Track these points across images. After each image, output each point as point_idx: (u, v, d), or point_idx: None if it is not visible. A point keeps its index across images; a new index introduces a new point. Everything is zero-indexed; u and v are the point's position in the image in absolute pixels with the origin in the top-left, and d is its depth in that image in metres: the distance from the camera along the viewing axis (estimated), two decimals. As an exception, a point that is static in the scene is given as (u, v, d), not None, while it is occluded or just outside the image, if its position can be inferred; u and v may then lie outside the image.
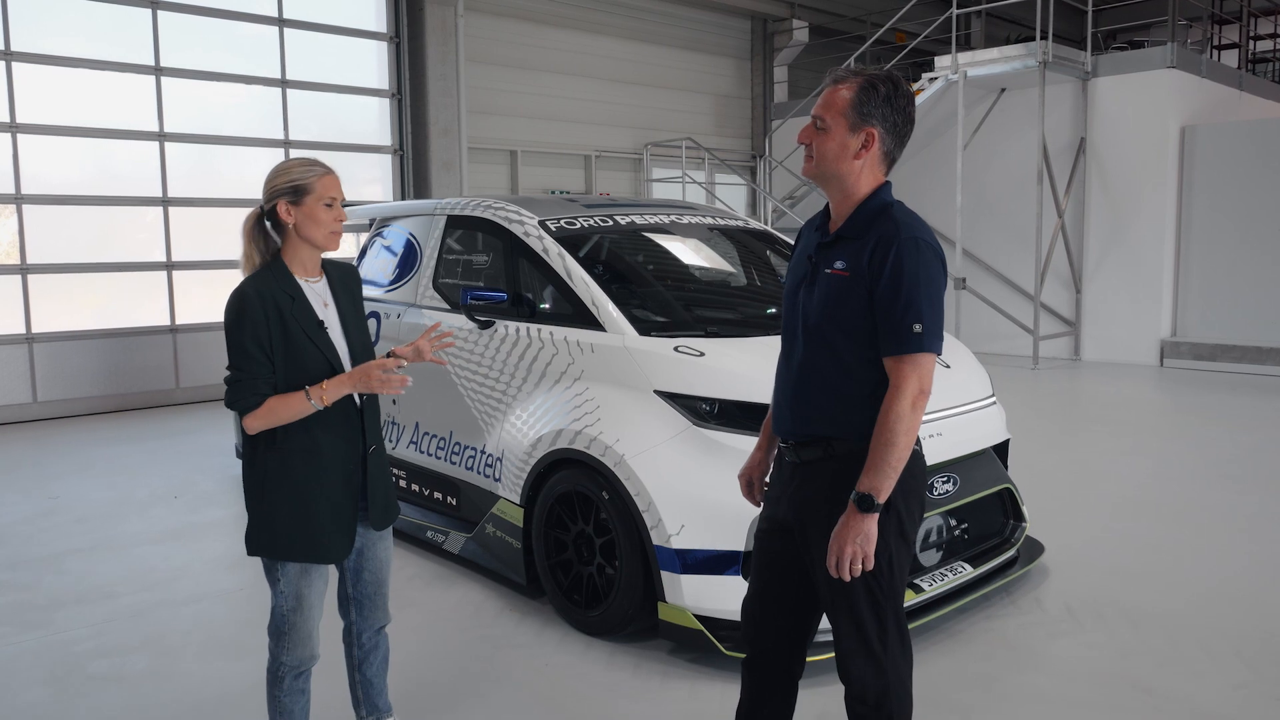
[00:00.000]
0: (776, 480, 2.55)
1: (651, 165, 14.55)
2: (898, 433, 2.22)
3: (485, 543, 4.53)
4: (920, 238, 2.26)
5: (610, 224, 4.86)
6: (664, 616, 3.70)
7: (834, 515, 2.33)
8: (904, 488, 2.32)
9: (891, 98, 2.32)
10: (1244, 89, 13.25)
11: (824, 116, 2.35)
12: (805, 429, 2.40)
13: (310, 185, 2.63)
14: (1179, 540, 5.16)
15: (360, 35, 11.19)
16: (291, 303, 2.62)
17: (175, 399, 9.91)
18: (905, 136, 2.37)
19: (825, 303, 2.34)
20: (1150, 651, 3.84)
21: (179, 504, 6.11)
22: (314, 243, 2.67)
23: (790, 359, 2.46)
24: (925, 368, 2.24)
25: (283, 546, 2.64)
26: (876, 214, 2.33)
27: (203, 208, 10.15)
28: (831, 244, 2.39)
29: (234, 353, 2.56)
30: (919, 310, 2.22)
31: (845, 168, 2.34)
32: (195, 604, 4.43)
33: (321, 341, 2.65)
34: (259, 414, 2.55)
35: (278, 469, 2.63)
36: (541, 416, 4.21)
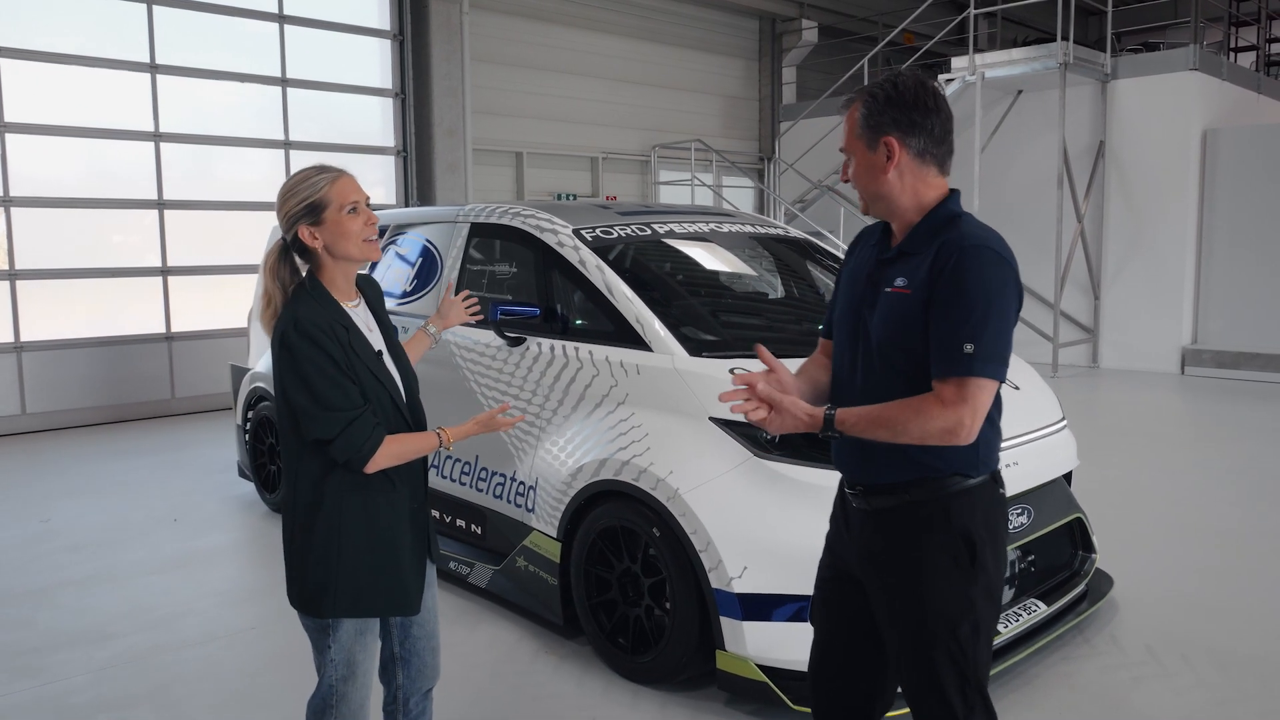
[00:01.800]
0: (841, 526, 2.28)
1: (659, 167, 14.22)
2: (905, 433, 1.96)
3: (516, 577, 4.20)
4: (986, 245, 1.98)
5: (648, 233, 4.53)
6: (723, 666, 3.38)
7: (913, 571, 2.06)
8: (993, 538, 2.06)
9: (894, 98, 2.08)
10: (1262, 91, 13.01)
11: (846, 147, 2.18)
12: (876, 475, 2.12)
13: (325, 196, 2.28)
14: (1250, 569, 4.86)
15: (363, 33, 10.84)
16: (348, 334, 2.29)
17: (171, 410, 9.54)
18: (934, 128, 2.09)
19: (888, 325, 2.08)
20: (1246, 698, 3.54)
21: (180, 528, 5.76)
22: (350, 258, 2.33)
23: (850, 391, 2.17)
24: (978, 399, 1.94)
25: (367, 601, 2.32)
26: (942, 225, 2.07)
27: (200, 210, 9.78)
28: (892, 260, 2.13)
29: (329, 395, 2.20)
30: (973, 326, 1.93)
31: (881, 185, 2.11)
32: (202, 646, 4.08)
33: (383, 374, 2.35)
34: (389, 452, 2.27)
35: (359, 512, 2.30)
36: (581, 444, 3.88)
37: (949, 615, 2.04)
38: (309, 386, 2.21)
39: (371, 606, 2.35)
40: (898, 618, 2.09)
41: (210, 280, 9.84)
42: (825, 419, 2.03)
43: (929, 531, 2.04)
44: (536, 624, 4.20)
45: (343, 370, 2.23)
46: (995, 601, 2.10)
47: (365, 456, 2.23)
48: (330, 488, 2.29)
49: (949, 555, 2.05)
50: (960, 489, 2.07)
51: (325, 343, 2.21)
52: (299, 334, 2.20)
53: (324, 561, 2.30)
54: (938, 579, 2.04)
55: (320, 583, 2.31)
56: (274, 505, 5.93)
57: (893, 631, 2.11)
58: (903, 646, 2.09)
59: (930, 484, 2.06)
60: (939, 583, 2.04)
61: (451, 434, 2.40)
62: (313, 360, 2.20)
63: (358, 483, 2.29)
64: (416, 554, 2.43)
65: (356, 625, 2.36)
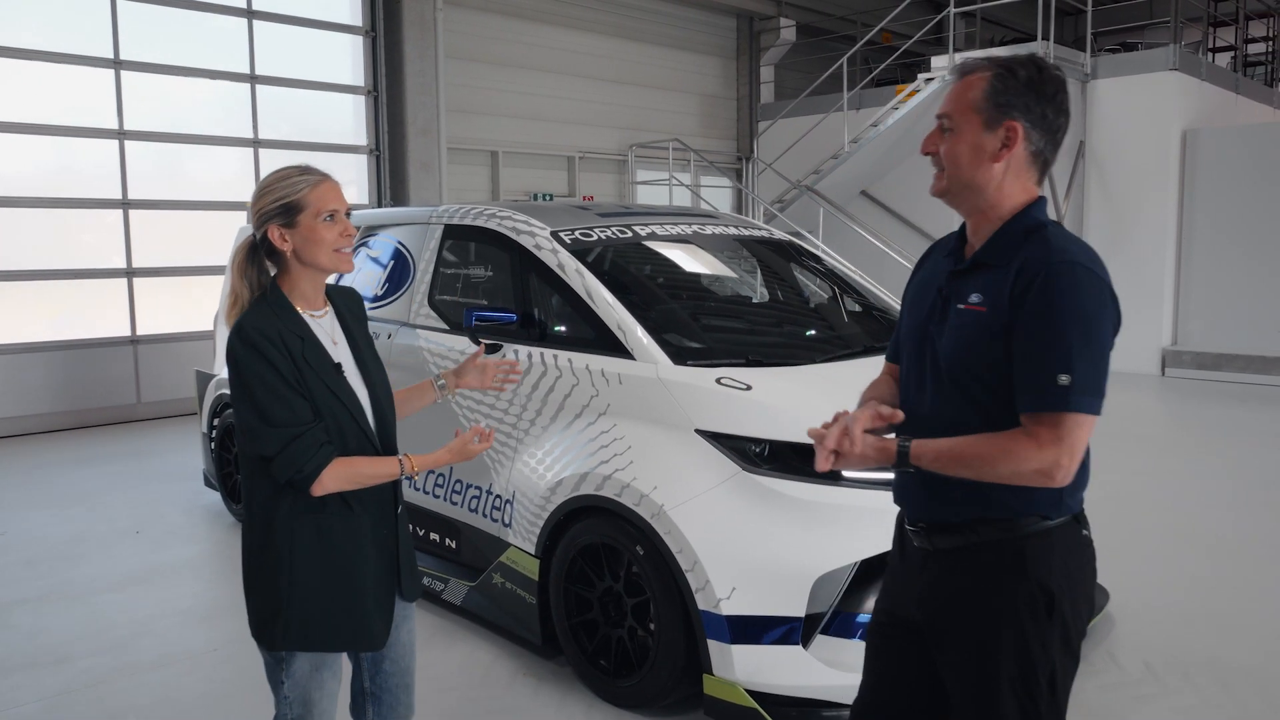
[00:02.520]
0: (899, 567, 2.07)
1: (636, 167, 14.05)
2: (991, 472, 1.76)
3: (492, 594, 4.02)
4: (1079, 263, 1.78)
5: (629, 235, 4.36)
6: (710, 691, 3.22)
7: (982, 619, 1.86)
8: (1071, 586, 1.85)
9: (1036, 83, 1.86)
10: (1240, 92, 13.02)
11: (952, 114, 1.90)
12: (943, 511, 1.91)
13: (303, 200, 2.14)
14: (1246, 579, 4.76)
15: (334, 29, 10.59)
16: (302, 344, 2.13)
17: (136, 415, 9.27)
18: (1058, 132, 1.90)
19: (960, 346, 1.87)
20: (1253, 718, 3.42)
21: (142, 540, 5.53)
22: (319, 267, 2.19)
23: (916, 416, 1.96)
24: (1074, 437, 1.73)
25: (318, 634, 2.16)
26: (1025, 235, 1.85)
27: (166, 210, 9.51)
28: (967, 272, 1.92)
29: (272, 410, 2.06)
30: (1068, 355, 1.72)
31: (982, 174, 1.88)
32: (160, 670, 3.88)
33: (341, 389, 2.18)
34: (338, 474, 2.09)
35: (312, 537, 2.14)
36: (560, 456, 3.70)
37: (1021, 667, 1.83)
38: (251, 398, 2.08)
39: (324, 640, 2.18)
40: (963, 669, 1.89)
41: (177, 282, 9.57)
42: (899, 452, 1.82)
43: (1001, 577, 1.84)
44: (514, 643, 4.02)
45: (289, 383, 2.07)
46: (1074, 654, 1.90)
47: (308, 477, 2.07)
48: (282, 509, 2.14)
49: (1023, 604, 1.83)
50: (1037, 530, 1.85)
51: (269, 352, 2.06)
52: (242, 342, 2.07)
53: (273, 588, 2.16)
54: (1009, 629, 1.84)
55: (270, 611, 2.16)
56: (241, 515, 5.71)
57: (957, 684, 1.91)
58: (967, 700, 1.89)
59: (1003, 524, 1.86)
60: (1011, 633, 1.84)
61: (418, 462, 2.22)
62: (255, 371, 2.07)
63: (311, 505, 2.13)
64: (383, 585, 2.25)
65: (312, 660, 2.20)
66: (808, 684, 3.12)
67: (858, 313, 4.63)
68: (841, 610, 3.19)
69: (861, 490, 3.23)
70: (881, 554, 3.18)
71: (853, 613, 3.20)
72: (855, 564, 3.17)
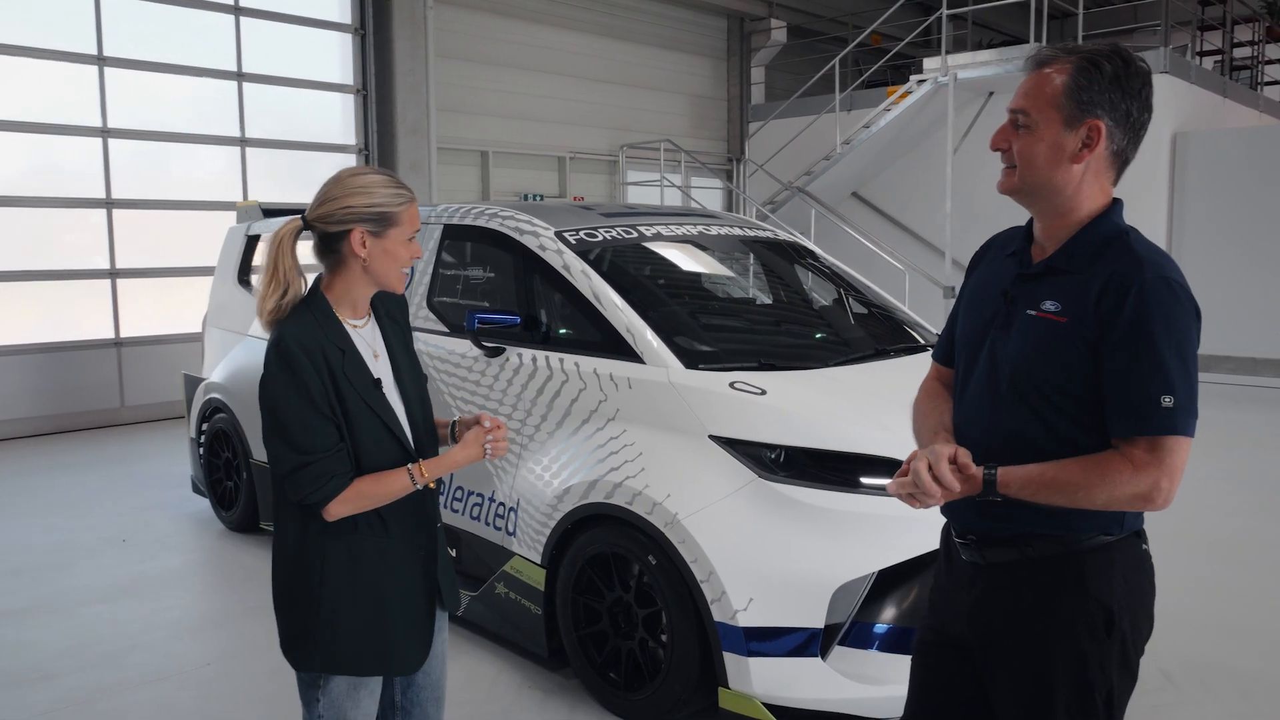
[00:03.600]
0: (947, 582, 1.97)
1: (627, 168, 13.96)
2: (1085, 499, 1.66)
3: (495, 605, 3.91)
4: (1172, 278, 1.68)
5: (634, 236, 4.26)
6: (726, 705, 3.12)
7: (1036, 637, 1.77)
8: (1130, 602, 1.76)
9: (1122, 78, 1.73)
10: (1228, 96, 13.05)
11: (1028, 110, 1.77)
12: (995, 522, 1.81)
13: (399, 215, 2.08)
14: (1255, 584, 4.71)
15: (323, 26, 10.45)
16: (342, 357, 2.05)
17: (120, 419, 9.09)
18: (1141, 129, 1.78)
19: (1027, 355, 1.77)
20: (1275, 731, 3.36)
21: (130, 549, 5.38)
22: (384, 282, 2.13)
23: (969, 425, 1.88)
24: (1175, 459, 1.65)
25: (348, 658, 2.09)
26: (1106, 242, 1.75)
27: (151, 210, 9.34)
28: (1038, 276, 1.81)
29: (291, 430, 2.00)
30: (1169, 378, 1.64)
31: (1061, 175, 1.76)
32: (153, 686, 3.75)
33: (380, 405, 2.10)
34: (347, 498, 2.03)
35: (344, 558, 2.08)
36: (568, 463, 3.60)
37: (1078, 689, 1.75)
38: (274, 415, 2.02)
39: (355, 664, 2.10)
40: (1014, 690, 1.80)
41: (162, 283, 9.41)
42: (985, 482, 1.71)
43: (1058, 594, 1.74)
44: (518, 655, 3.92)
45: (316, 406, 2.00)
46: (1132, 673, 1.81)
47: (318, 503, 2.01)
48: (313, 528, 2.08)
49: (1081, 623, 1.75)
50: (1097, 545, 1.76)
51: (304, 371, 1.99)
52: (279, 355, 2.01)
53: (303, 609, 2.10)
54: (1066, 648, 1.75)
55: (299, 631, 2.10)
56: (231, 523, 5.58)
57: (1007, 705, 1.82)
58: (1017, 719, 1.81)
59: (1059, 539, 1.77)
60: (1067, 653, 1.75)
61: (428, 469, 2.11)
62: (284, 389, 2.00)
63: (343, 526, 2.07)
64: (420, 608, 2.18)
65: (350, 680, 2.12)
66: (826, 696, 3.04)
67: (864, 315, 4.55)
68: (859, 621, 3.11)
69: (879, 498, 3.15)
70: (898, 563, 3.11)
71: (870, 623, 3.12)
72: (873, 574, 3.09)
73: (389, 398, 2.14)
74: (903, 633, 3.09)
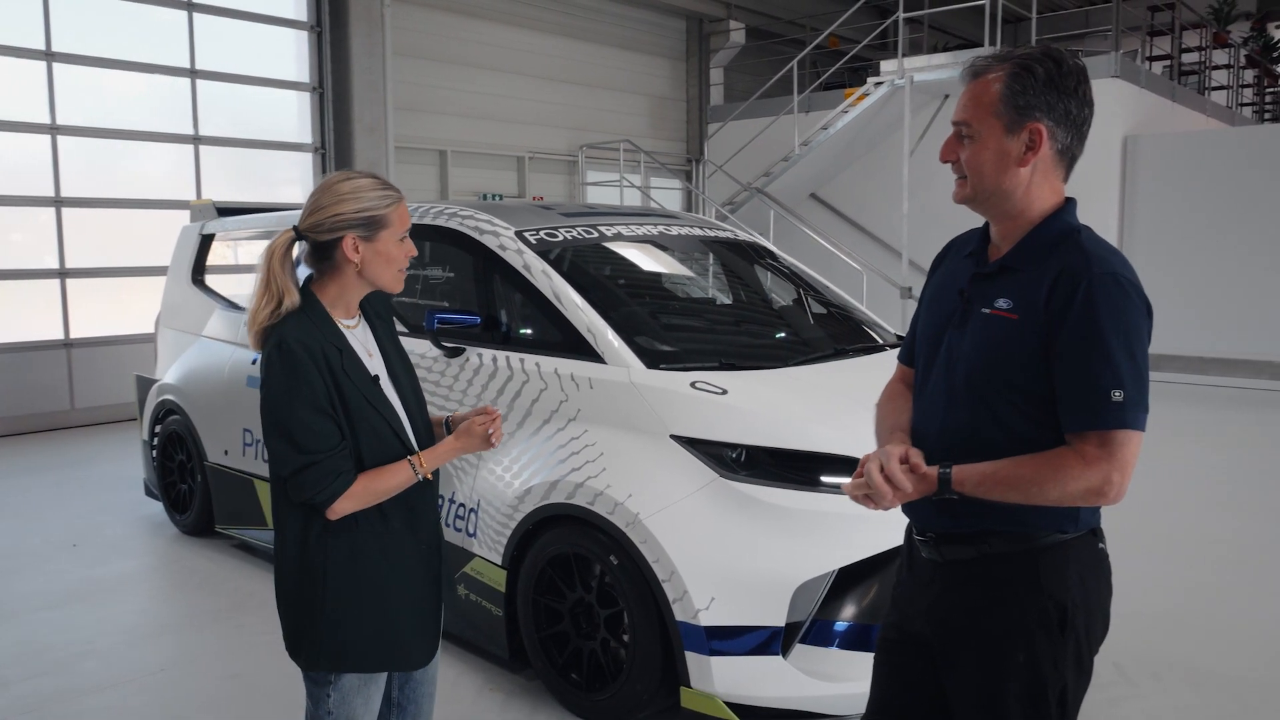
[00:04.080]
0: (908, 579, 1.99)
1: (586, 168, 13.94)
2: (1040, 494, 1.69)
3: (456, 607, 3.87)
4: (1120, 274, 1.71)
5: (595, 236, 4.26)
6: (688, 704, 3.13)
7: (991, 634, 1.79)
8: (1086, 600, 1.79)
9: (1055, 78, 1.77)
10: (1176, 100, 13.33)
11: (970, 120, 1.81)
12: (953, 520, 1.84)
13: (388, 217, 2.09)
14: (1208, 580, 4.81)
15: (278, 23, 10.32)
16: (340, 356, 2.07)
17: (70, 421, 8.91)
18: (1083, 125, 1.81)
19: (982, 352, 1.80)
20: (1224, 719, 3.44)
21: (80, 554, 5.28)
22: (381, 284, 2.14)
23: (927, 423, 1.90)
24: (1126, 452, 1.68)
25: (356, 655, 2.11)
26: (1058, 240, 1.78)
27: (101, 209, 9.16)
28: (993, 276, 1.83)
29: (293, 432, 2.00)
30: (1118, 372, 1.67)
31: (1010, 180, 1.79)
32: (105, 693, 3.67)
33: (380, 401, 2.12)
34: (352, 495, 2.04)
35: (346, 557, 2.09)
36: (529, 464, 3.59)
37: (1031, 685, 1.77)
38: (276, 416, 2.03)
39: (359, 661, 2.12)
40: (970, 685, 1.83)
41: (113, 283, 9.24)
42: (940, 480, 1.74)
43: (1013, 590, 1.76)
44: (479, 657, 3.90)
45: (319, 407, 2.01)
46: (1086, 672, 1.84)
47: (322, 503, 2.03)
48: (315, 528, 2.09)
49: (1035, 619, 1.77)
50: (1052, 543, 1.79)
51: (308, 371, 2.00)
52: (282, 356, 2.00)
53: (308, 609, 2.11)
54: (1020, 644, 1.78)
55: (304, 631, 2.13)
56: (185, 527, 5.49)
57: (963, 701, 1.85)
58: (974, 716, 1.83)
59: (1017, 536, 1.79)
60: (1022, 649, 1.78)
61: (427, 459, 2.14)
62: (288, 390, 2.00)
63: (344, 524, 2.08)
64: (425, 603, 2.21)
65: (361, 677, 2.13)
66: (787, 694, 3.06)
67: (824, 315, 4.59)
68: (819, 619, 3.13)
69: (839, 497, 3.17)
70: (858, 561, 3.14)
71: (831, 621, 3.15)
72: (834, 572, 3.12)
73: (386, 394, 2.16)
74: (863, 630, 3.11)
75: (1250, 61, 17.39)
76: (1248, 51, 17.19)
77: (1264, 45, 18.54)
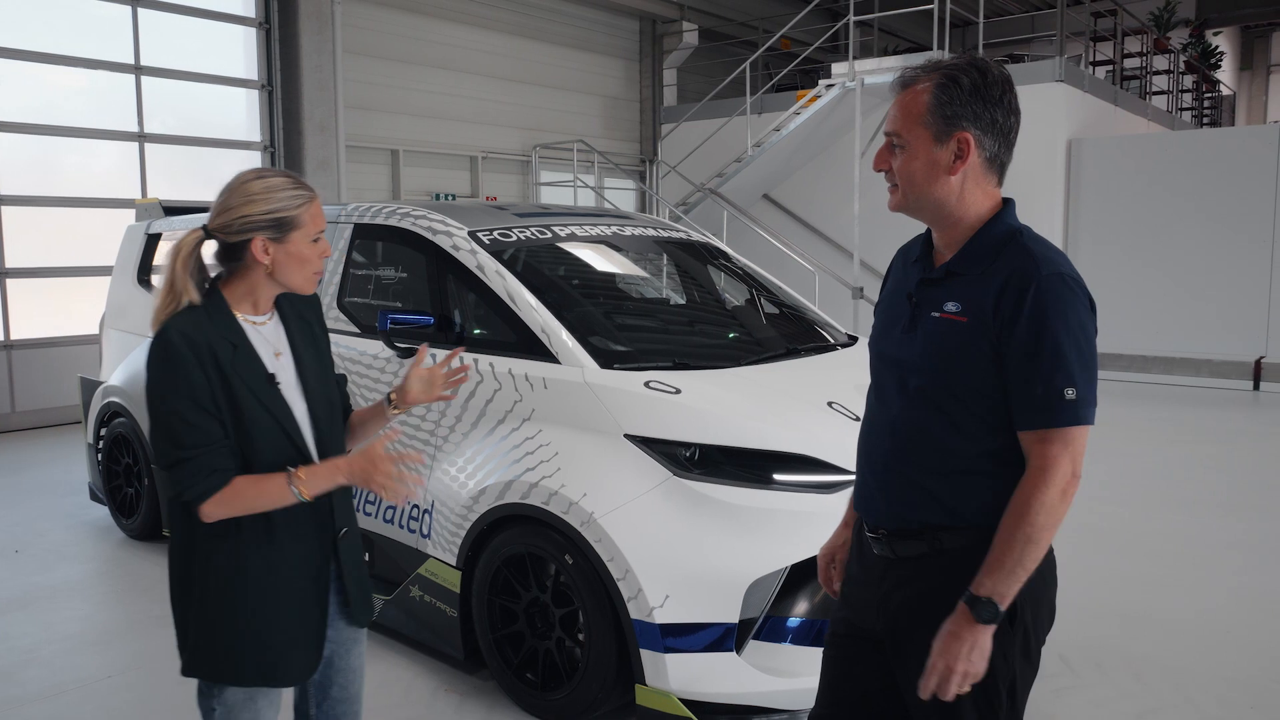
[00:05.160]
0: (859, 575, 2.02)
1: (540, 168, 13.91)
2: (1040, 527, 1.73)
3: (410, 608, 3.86)
4: (1066, 274, 1.77)
5: (548, 236, 4.26)
6: (643, 702, 3.15)
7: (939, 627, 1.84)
8: (1032, 593, 1.83)
9: (980, 88, 1.81)
10: (1118, 104, 13.63)
11: (900, 131, 1.85)
12: (905, 516, 1.88)
13: (299, 218, 2.03)
14: (1148, 574, 4.93)
15: (226, 19, 10.16)
16: (233, 352, 2.00)
17: (10, 425, 8.69)
18: (1010, 133, 1.86)
19: (932, 355, 1.84)
20: (1167, 708, 3.53)
21: (22, 560, 5.16)
22: (293, 287, 2.09)
23: (881, 424, 1.94)
24: (1079, 444, 1.75)
25: (229, 667, 2.04)
26: (1001, 243, 1.83)
27: (41, 207, 8.96)
28: (940, 280, 1.87)
29: (170, 425, 1.94)
30: (1069, 370, 1.72)
31: (941, 189, 1.84)
32: (50, 701, 3.60)
33: (273, 403, 2.04)
34: (222, 499, 1.95)
35: (225, 564, 2.02)
36: (483, 464, 3.58)
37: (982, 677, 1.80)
38: (157, 410, 1.97)
39: (234, 674, 2.05)
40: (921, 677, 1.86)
41: (54, 283, 9.03)
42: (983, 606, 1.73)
43: (962, 584, 1.79)
44: (434, 659, 3.88)
45: (198, 402, 1.94)
46: (1033, 663, 1.89)
47: (192, 501, 1.95)
48: (200, 531, 2.02)
49: None
50: None
51: (187, 365, 1.93)
52: (162, 348, 1.95)
53: (186, 614, 2.07)
54: None
55: (183, 637, 2.07)
56: (132, 531, 5.39)
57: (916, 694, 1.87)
58: (926, 710, 1.85)
59: (967, 532, 1.83)
60: None
61: (307, 476, 1.98)
62: (167, 383, 1.94)
63: (226, 529, 2.01)
64: (311, 616, 2.11)
65: (246, 690, 2.07)
66: (742, 691, 3.08)
67: (776, 315, 4.63)
68: (772, 615, 3.17)
69: (791, 494, 3.22)
70: (810, 558, 3.18)
71: (783, 617, 3.18)
72: (786, 568, 3.15)
73: (288, 396, 2.08)
74: (815, 625, 3.15)
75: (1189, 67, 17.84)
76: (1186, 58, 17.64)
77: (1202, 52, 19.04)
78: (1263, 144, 11.07)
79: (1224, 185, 11.22)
